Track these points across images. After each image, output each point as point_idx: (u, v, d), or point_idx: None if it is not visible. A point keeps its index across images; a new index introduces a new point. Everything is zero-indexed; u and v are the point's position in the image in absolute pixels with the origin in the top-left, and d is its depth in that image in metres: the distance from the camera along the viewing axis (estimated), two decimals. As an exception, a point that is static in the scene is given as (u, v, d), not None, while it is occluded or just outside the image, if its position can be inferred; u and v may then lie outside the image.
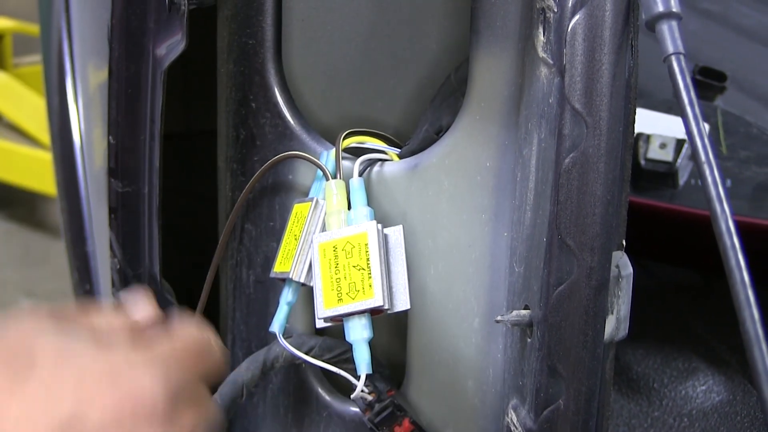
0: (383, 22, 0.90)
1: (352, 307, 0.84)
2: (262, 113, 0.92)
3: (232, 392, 0.96)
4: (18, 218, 3.60)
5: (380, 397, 0.91)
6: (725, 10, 2.13)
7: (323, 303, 0.84)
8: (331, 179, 0.87)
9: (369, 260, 0.84)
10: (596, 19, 0.69)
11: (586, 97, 0.70)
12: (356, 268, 0.84)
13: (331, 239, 0.85)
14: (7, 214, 3.63)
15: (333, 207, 0.87)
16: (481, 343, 0.88)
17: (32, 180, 3.26)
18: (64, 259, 3.22)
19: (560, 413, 0.76)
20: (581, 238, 0.72)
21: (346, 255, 0.85)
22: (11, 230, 3.56)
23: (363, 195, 0.87)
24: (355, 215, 0.87)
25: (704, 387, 1.22)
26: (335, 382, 0.97)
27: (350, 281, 0.84)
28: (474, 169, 0.84)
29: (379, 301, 0.84)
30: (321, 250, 0.85)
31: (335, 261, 0.85)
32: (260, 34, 0.91)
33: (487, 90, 0.82)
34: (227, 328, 1.01)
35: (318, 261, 0.85)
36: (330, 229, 0.86)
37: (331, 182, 0.87)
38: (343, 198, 0.87)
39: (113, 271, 0.96)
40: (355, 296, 0.84)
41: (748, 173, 1.36)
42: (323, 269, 0.85)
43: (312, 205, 0.88)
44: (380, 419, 0.91)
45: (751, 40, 2.06)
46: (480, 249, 0.86)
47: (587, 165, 0.71)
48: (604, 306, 0.75)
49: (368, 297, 0.84)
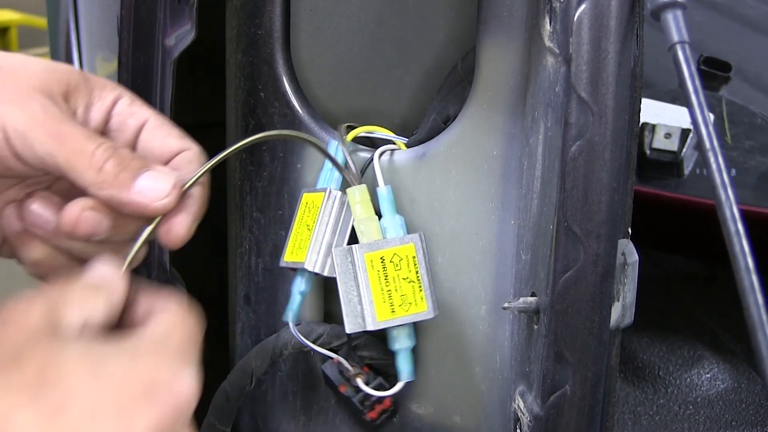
0: (390, 12, 0.91)
1: (406, 319, 0.85)
2: (271, 103, 0.93)
3: (241, 379, 0.97)
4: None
5: (368, 379, 0.92)
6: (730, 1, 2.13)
7: (376, 314, 0.85)
8: (354, 186, 0.88)
9: (419, 273, 0.85)
10: (602, 9, 0.70)
11: (592, 85, 0.71)
12: (406, 281, 0.85)
13: (378, 250, 0.85)
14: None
15: (362, 214, 0.87)
16: (488, 330, 0.88)
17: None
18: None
19: (567, 399, 0.77)
20: (587, 225, 0.73)
21: (394, 267, 0.85)
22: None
23: (393, 203, 0.88)
24: (389, 224, 0.87)
25: (709, 375, 1.23)
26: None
27: (402, 293, 0.85)
28: (481, 157, 0.85)
29: (431, 314, 0.86)
30: (368, 261, 0.85)
31: (384, 273, 0.85)
32: (269, 24, 0.92)
33: (494, 79, 0.83)
34: (236, 316, 1.02)
35: (366, 272, 0.85)
36: (365, 238, 0.87)
37: (352, 188, 0.88)
38: (368, 204, 0.88)
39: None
40: (408, 309, 0.85)
41: (753, 163, 1.37)
42: (373, 280, 0.85)
43: (326, 195, 0.88)
44: (369, 402, 0.93)
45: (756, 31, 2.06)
46: (487, 237, 0.87)
47: (593, 153, 0.72)
48: (610, 293, 0.76)
49: (421, 309, 0.85)
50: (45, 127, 0.73)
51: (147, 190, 0.74)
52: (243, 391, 0.97)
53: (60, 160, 0.73)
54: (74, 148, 0.73)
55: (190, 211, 0.77)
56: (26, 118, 0.72)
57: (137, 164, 0.75)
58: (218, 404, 0.97)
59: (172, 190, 0.75)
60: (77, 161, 0.73)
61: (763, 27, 2.04)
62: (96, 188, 0.74)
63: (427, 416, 0.95)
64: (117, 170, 0.74)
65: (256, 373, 0.96)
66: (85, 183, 0.74)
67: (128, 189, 0.74)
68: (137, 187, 0.74)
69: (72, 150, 0.73)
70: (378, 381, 0.92)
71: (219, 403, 0.97)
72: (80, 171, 0.73)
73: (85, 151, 0.73)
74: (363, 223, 0.87)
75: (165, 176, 0.75)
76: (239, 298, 1.01)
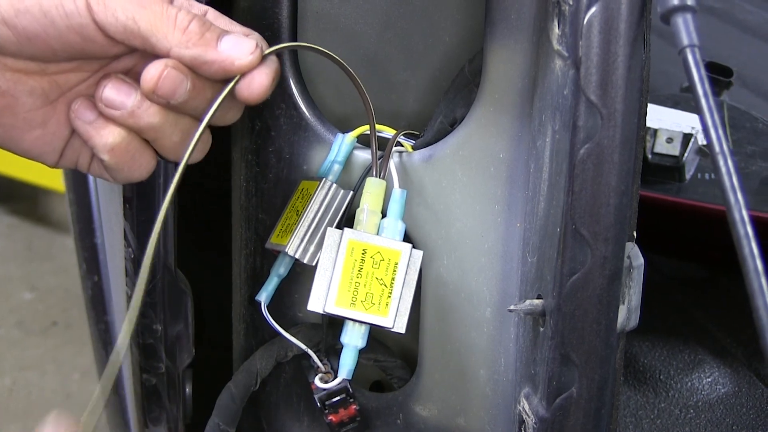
0: (397, 14, 0.91)
1: (362, 317, 0.85)
2: (278, 104, 0.93)
3: (245, 380, 0.97)
4: (21, 213, 3.60)
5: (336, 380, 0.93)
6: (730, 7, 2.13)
7: (335, 299, 0.85)
8: (376, 177, 0.88)
9: (394, 280, 0.85)
10: (612, 12, 0.70)
11: (601, 88, 0.71)
12: (378, 281, 0.85)
13: (364, 241, 0.86)
14: (9, 209, 3.63)
15: (369, 206, 0.87)
16: (493, 333, 0.89)
17: (35, 174, 3.26)
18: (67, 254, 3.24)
19: (573, 401, 0.77)
20: (595, 228, 0.73)
21: (373, 264, 0.85)
22: (14, 225, 3.56)
23: (402, 208, 0.88)
24: (389, 225, 0.87)
25: (710, 379, 1.23)
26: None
27: (369, 291, 0.85)
28: (488, 160, 0.85)
29: (389, 323, 0.85)
30: (350, 247, 0.85)
31: (360, 264, 0.85)
32: (276, 25, 0.92)
33: (501, 82, 0.83)
34: (240, 317, 1.02)
35: (343, 256, 0.85)
36: (360, 227, 0.87)
37: (375, 180, 0.88)
38: (380, 200, 0.88)
39: (127, 261, 0.97)
40: (369, 308, 0.85)
41: (754, 167, 1.37)
42: (346, 267, 0.85)
43: (320, 184, 0.89)
44: (331, 402, 0.93)
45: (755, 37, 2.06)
46: (493, 239, 0.87)
47: (602, 156, 0.72)
48: (617, 295, 0.76)
49: (381, 314, 0.85)
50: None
51: (232, 49, 0.78)
52: (248, 391, 0.97)
53: (143, 25, 0.76)
54: (157, 11, 0.76)
55: (271, 68, 0.80)
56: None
57: (220, 28, 0.79)
58: (223, 404, 0.97)
59: (255, 49, 0.78)
60: (161, 23, 0.76)
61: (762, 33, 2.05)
62: (182, 47, 0.77)
63: (431, 418, 0.95)
64: (202, 30, 0.77)
65: (260, 374, 0.97)
66: (170, 44, 0.76)
67: (214, 47, 0.77)
68: (222, 46, 0.77)
69: (155, 13, 0.76)
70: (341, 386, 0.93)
71: (224, 403, 0.97)
72: (164, 33, 0.76)
73: (168, 14, 0.76)
74: (365, 214, 0.88)
75: (248, 39, 0.79)
76: (244, 299, 1.01)
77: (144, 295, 0.93)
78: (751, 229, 0.64)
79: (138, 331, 0.97)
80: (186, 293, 0.98)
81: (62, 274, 3.23)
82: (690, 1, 0.69)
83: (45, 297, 3.18)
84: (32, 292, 3.20)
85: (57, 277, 3.24)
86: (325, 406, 0.93)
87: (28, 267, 3.32)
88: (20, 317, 3.08)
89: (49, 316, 3.08)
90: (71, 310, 3.06)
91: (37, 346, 2.96)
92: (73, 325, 3.02)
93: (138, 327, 0.96)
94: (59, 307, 3.11)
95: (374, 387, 1.03)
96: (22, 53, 0.77)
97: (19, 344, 2.97)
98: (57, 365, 2.88)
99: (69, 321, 3.05)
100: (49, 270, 3.30)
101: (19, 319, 3.08)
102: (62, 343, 2.97)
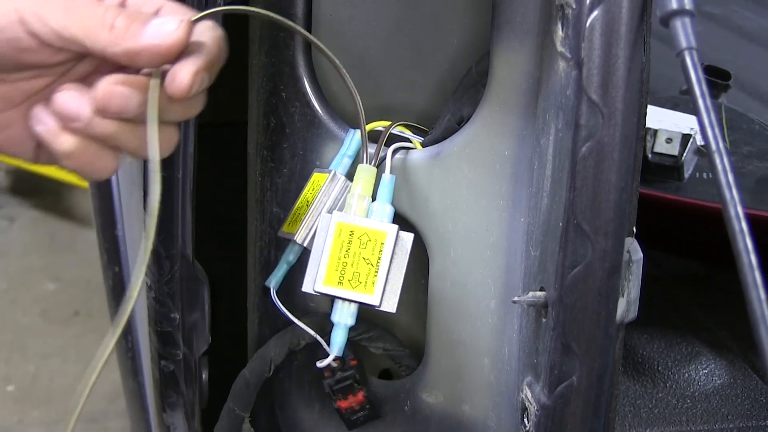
0: (407, 17, 0.91)
1: (350, 295, 0.86)
2: (292, 102, 0.94)
3: (259, 367, 0.98)
4: (45, 207, 3.61)
5: (344, 367, 0.93)
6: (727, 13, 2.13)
7: (324, 279, 0.86)
8: (366, 163, 0.88)
9: (380, 259, 0.86)
10: (613, 15, 0.70)
11: (602, 89, 0.71)
12: (365, 261, 0.86)
13: (351, 223, 0.86)
14: (34, 203, 3.64)
15: (359, 190, 0.88)
16: (497, 323, 0.89)
17: (58, 170, 3.27)
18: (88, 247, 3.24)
19: (574, 389, 0.77)
20: (596, 222, 0.73)
21: (360, 244, 0.86)
22: (38, 218, 3.57)
23: (390, 192, 0.89)
24: (377, 208, 0.88)
25: (706, 370, 1.23)
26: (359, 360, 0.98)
27: (355, 270, 0.86)
28: (493, 157, 0.85)
29: (375, 301, 0.86)
30: (338, 229, 0.86)
31: (348, 245, 0.86)
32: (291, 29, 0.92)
33: (507, 82, 0.83)
34: (255, 307, 1.02)
35: (332, 238, 0.86)
36: (350, 211, 0.88)
37: (365, 166, 0.88)
38: (370, 185, 0.88)
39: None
40: (355, 286, 0.86)
41: (750, 167, 1.37)
42: (334, 248, 0.86)
43: (329, 177, 0.90)
44: (339, 387, 0.93)
45: (752, 42, 2.06)
46: (497, 233, 0.87)
47: (603, 153, 0.72)
48: (617, 288, 0.76)
49: (367, 292, 0.86)
50: (57, 2, 0.73)
51: (157, 32, 0.72)
52: (262, 378, 0.97)
53: (75, 30, 0.72)
54: (87, 14, 0.73)
55: (197, 57, 0.74)
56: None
57: (146, 16, 0.74)
58: (238, 390, 0.97)
59: (180, 23, 0.72)
60: (91, 25, 0.73)
61: (759, 38, 2.05)
62: (113, 45, 0.73)
63: (437, 405, 0.95)
64: (127, 23, 0.73)
65: (274, 361, 0.97)
66: (102, 45, 0.73)
67: (140, 36, 0.73)
68: (147, 32, 0.73)
69: (85, 16, 0.73)
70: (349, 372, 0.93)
71: (239, 389, 0.97)
72: (95, 35, 0.73)
73: (95, 15, 0.73)
74: (354, 198, 0.88)
75: (172, 17, 0.74)
76: (258, 289, 1.01)
77: (162, 285, 0.94)
78: (746, 225, 0.64)
79: (156, 319, 0.97)
80: (203, 283, 0.98)
81: (84, 266, 3.24)
82: (688, 6, 0.69)
83: (67, 287, 3.18)
84: (55, 282, 3.21)
85: (79, 268, 3.25)
86: (333, 391, 0.93)
87: (52, 259, 3.33)
88: (44, 307, 3.09)
89: (71, 306, 3.09)
90: (93, 300, 3.07)
91: (60, 335, 2.97)
92: (94, 314, 3.02)
93: (156, 315, 0.97)
94: (81, 298, 3.11)
95: (383, 375, 1.03)
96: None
97: (43, 333, 2.98)
98: (79, 353, 2.89)
99: (90, 310, 3.05)
100: (71, 261, 3.30)
101: (42, 308, 3.08)
102: (84, 332, 2.97)
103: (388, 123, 0.91)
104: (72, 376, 2.80)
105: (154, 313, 0.96)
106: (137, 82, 0.74)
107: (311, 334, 0.93)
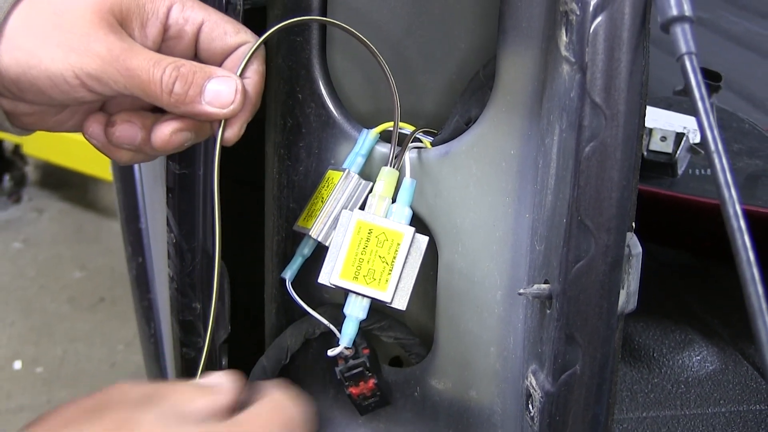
0: (418, 23, 0.90)
1: (363, 290, 0.86)
2: (308, 103, 0.93)
3: (277, 355, 0.97)
4: (72, 199, 3.62)
5: (356, 355, 0.92)
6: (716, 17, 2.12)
7: (340, 272, 0.86)
8: (390, 166, 0.88)
9: (395, 259, 0.85)
10: (616, 22, 0.69)
11: (605, 91, 0.70)
12: (381, 259, 0.85)
13: (371, 222, 0.86)
14: (62, 195, 3.65)
15: (381, 191, 0.88)
16: (503, 314, 0.88)
17: (85, 164, 3.27)
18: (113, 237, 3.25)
19: (577, 377, 0.77)
20: (599, 219, 0.73)
21: (377, 243, 0.85)
22: (66, 210, 3.58)
23: (410, 196, 0.88)
24: (396, 210, 0.87)
25: (699, 357, 1.22)
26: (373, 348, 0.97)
27: (371, 267, 0.85)
28: (499, 156, 0.85)
29: (387, 298, 0.85)
30: (357, 226, 0.86)
31: (366, 243, 0.85)
32: (307, 32, 0.92)
33: (513, 85, 0.82)
34: (272, 297, 1.02)
35: (351, 234, 0.86)
36: (370, 210, 0.87)
37: (388, 169, 0.88)
38: (391, 187, 0.88)
39: (169, 245, 0.97)
40: (369, 282, 0.85)
41: (740, 164, 1.36)
42: (352, 244, 0.86)
43: (344, 175, 0.89)
44: (350, 374, 0.92)
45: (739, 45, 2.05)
46: (503, 228, 0.86)
47: (605, 153, 0.71)
48: (618, 281, 0.75)
49: (380, 289, 0.85)
50: (114, 67, 0.75)
51: (214, 100, 0.79)
52: (279, 365, 0.97)
53: (134, 91, 0.77)
54: (145, 80, 0.76)
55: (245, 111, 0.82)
56: (96, 63, 0.75)
57: (201, 78, 0.79)
58: (256, 377, 0.97)
59: (235, 96, 0.79)
60: (150, 89, 0.77)
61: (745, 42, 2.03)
62: (173, 108, 0.78)
63: (446, 391, 0.95)
64: (185, 89, 0.78)
65: (291, 349, 0.96)
66: (162, 105, 0.78)
67: (199, 103, 0.78)
68: (206, 99, 0.78)
69: (143, 82, 0.76)
70: (360, 360, 0.92)
71: (257, 376, 0.97)
72: (156, 98, 0.77)
73: (154, 81, 0.76)
74: (376, 198, 0.88)
75: (227, 86, 0.79)
76: (275, 281, 1.01)
77: (185, 277, 0.93)
78: (744, 223, 0.63)
79: (178, 309, 0.96)
80: (223, 275, 0.97)
81: (109, 255, 3.24)
82: (688, 12, 0.68)
83: (93, 276, 3.19)
84: (82, 271, 3.21)
85: (104, 257, 3.26)
86: (345, 378, 0.93)
87: (78, 248, 3.33)
88: (71, 294, 3.10)
89: (97, 293, 3.09)
90: (117, 287, 3.07)
91: (86, 320, 2.97)
92: (118, 301, 3.03)
93: (178, 305, 0.96)
94: (106, 285, 3.12)
95: (394, 362, 1.03)
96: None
97: (70, 318, 2.98)
98: (103, 337, 2.89)
99: (115, 298, 3.06)
100: (97, 251, 3.31)
101: (70, 295, 3.09)
102: (108, 318, 2.98)
103: (401, 125, 0.90)
104: (97, 358, 2.81)
105: (177, 303, 0.96)
106: (193, 126, 0.81)
107: (325, 324, 0.92)
